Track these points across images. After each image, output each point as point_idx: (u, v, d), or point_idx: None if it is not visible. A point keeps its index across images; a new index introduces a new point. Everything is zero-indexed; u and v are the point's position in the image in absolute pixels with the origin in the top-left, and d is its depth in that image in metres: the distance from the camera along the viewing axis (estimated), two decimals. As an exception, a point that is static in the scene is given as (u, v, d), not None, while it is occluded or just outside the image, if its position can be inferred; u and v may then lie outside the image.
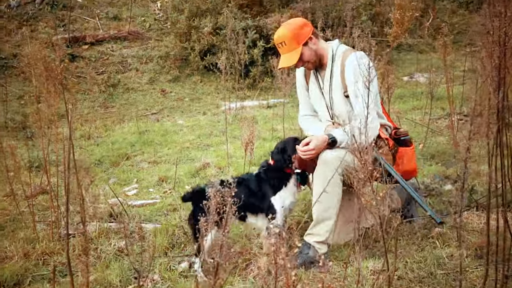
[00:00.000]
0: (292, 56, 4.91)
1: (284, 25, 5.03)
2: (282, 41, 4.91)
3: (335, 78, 4.95)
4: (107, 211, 5.90)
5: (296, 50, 4.89)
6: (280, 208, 4.84)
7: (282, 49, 4.96)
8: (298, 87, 5.36)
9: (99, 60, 13.20)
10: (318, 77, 5.11)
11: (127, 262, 4.86)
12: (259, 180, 4.98)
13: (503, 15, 2.69)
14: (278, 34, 4.97)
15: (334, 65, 4.96)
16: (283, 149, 4.95)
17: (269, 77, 11.92)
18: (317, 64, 5.02)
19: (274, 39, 5.04)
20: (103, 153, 8.45)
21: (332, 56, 4.99)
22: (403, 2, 7.90)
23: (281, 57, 5.01)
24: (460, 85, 9.76)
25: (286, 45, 4.91)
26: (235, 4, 12.58)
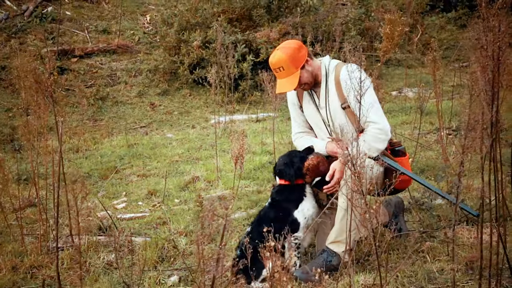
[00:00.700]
0: (292, 80, 4.89)
1: (280, 49, 4.97)
2: (280, 66, 4.87)
3: (331, 92, 4.95)
4: (96, 224, 5.87)
5: (294, 75, 4.87)
6: (303, 220, 4.82)
7: (280, 74, 4.91)
8: (290, 105, 5.33)
9: (88, 73, 13.15)
10: (312, 94, 5.10)
11: (117, 276, 4.84)
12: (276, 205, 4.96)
13: (497, 30, 2.70)
14: (276, 59, 4.92)
15: (329, 80, 4.97)
16: (291, 162, 4.92)
17: (258, 91, 11.92)
18: (313, 84, 5.02)
19: (271, 63, 4.96)
20: (91, 166, 8.41)
21: (325, 73, 4.99)
22: (393, 17, 7.95)
23: (279, 81, 4.97)
24: (449, 100, 9.80)
25: (285, 70, 4.87)
26: (224, 18, 12.58)
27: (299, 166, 4.83)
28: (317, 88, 5.06)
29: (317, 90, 5.06)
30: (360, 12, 13.82)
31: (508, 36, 2.75)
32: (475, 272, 4.46)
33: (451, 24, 16.17)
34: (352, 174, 3.37)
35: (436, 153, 7.81)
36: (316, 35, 12.68)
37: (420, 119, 7.94)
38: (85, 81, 12.73)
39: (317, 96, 5.06)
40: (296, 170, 4.86)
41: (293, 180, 4.88)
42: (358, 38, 12.69)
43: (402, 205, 5.51)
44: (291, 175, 4.89)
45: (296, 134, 5.33)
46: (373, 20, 14.01)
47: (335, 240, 4.77)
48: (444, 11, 16.61)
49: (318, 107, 5.06)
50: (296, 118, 5.32)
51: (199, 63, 12.35)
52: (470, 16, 15.77)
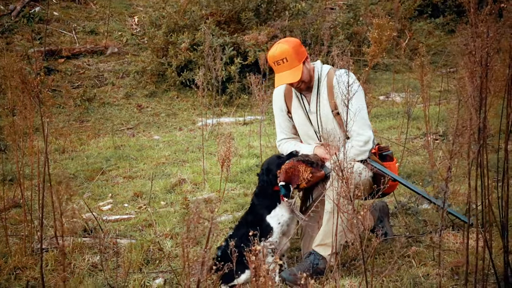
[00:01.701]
0: (295, 73, 4.82)
1: (283, 42, 4.92)
2: (284, 57, 4.79)
3: (323, 97, 4.94)
4: (81, 226, 5.83)
5: (298, 67, 4.82)
6: (276, 225, 4.80)
7: (282, 66, 4.82)
8: (277, 111, 5.28)
9: (75, 74, 13.11)
10: (302, 99, 5.08)
11: (101, 278, 4.81)
12: (253, 208, 4.95)
13: (485, 35, 2.70)
14: (279, 50, 4.83)
15: (321, 86, 4.95)
16: (268, 169, 4.90)
17: (246, 94, 11.94)
18: (307, 85, 4.99)
19: (274, 55, 4.85)
20: (77, 167, 8.37)
21: (318, 78, 4.98)
22: (381, 22, 7.96)
23: (280, 74, 4.88)
24: (436, 105, 9.84)
25: (288, 62, 4.80)
26: (213, 21, 12.58)
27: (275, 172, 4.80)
28: (307, 93, 5.04)
29: (308, 95, 5.04)
30: (348, 16, 13.86)
31: (496, 42, 2.76)
32: (460, 278, 4.47)
33: (439, 30, 16.26)
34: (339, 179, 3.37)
35: (423, 158, 7.83)
36: (305, 39, 12.70)
37: (408, 124, 7.96)
38: (72, 82, 12.68)
39: (308, 101, 5.03)
40: (272, 178, 4.84)
41: (265, 186, 4.87)
42: (346, 43, 12.73)
43: (387, 209, 5.52)
44: (265, 181, 4.88)
45: (281, 141, 5.31)
46: (361, 24, 14.05)
47: (321, 243, 4.76)
48: (432, 16, 16.69)
49: (308, 112, 5.03)
50: (281, 124, 5.28)
51: (186, 65, 12.33)
52: (458, 22, 15.85)
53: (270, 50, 4.94)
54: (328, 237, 4.70)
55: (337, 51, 4.41)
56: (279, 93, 5.23)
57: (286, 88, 5.16)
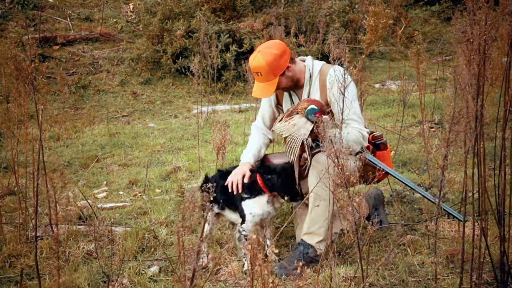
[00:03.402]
0: (269, 87, 4.80)
1: (262, 52, 4.81)
2: (258, 71, 4.77)
3: (314, 94, 4.88)
4: (76, 214, 5.81)
5: (272, 82, 4.77)
6: (248, 214, 4.79)
7: (258, 78, 4.82)
8: (266, 102, 5.24)
9: (70, 61, 13.06)
10: (292, 96, 5.03)
11: (96, 266, 4.79)
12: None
13: (483, 23, 2.68)
14: (254, 63, 4.79)
15: (313, 84, 4.89)
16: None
17: (241, 81, 11.91)
18: (292, 87, 4.95)
19: (250, 65, 4.85)
20: (72, 155, 8.34)
21: (309, 76, 4.91)
22: (377, 9, 7.93)
23: (257, 84, 4.88)
24: (432, 93, 9.83)
25: (263, 76, 4.77)
26: (208, 8, 12.55)
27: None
28: (298, 90, 4.99)
29: (299, 92, 4.99)
30: (344, 4, 13.82)
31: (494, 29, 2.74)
32: (456, 266, 4.47)
33: (435, 18, 16.26)
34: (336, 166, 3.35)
35: (418, 146, 7.82)
36: (300, 26, 12.69)
37: (403, 112, 7.94)
38: (66, 69, 12.64)
39: (298, 98, 4.98)
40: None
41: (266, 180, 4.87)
42: (342, 30, 12.71)
43: (382, 197, 5.51)
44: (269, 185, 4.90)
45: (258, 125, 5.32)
46: (357, 12, 14.04)
47: (308, 232, 4.74)
48: (428, 4, 16.69)
49: None
50: (264, 112, 5.26)
51: (182, 52, 12.32)
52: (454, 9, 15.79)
53: (251, 56, 4.90)
54: (313, 225, 4.69)
55: (333, 39, 4.39)
56: None
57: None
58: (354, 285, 4.21)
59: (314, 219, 4.69)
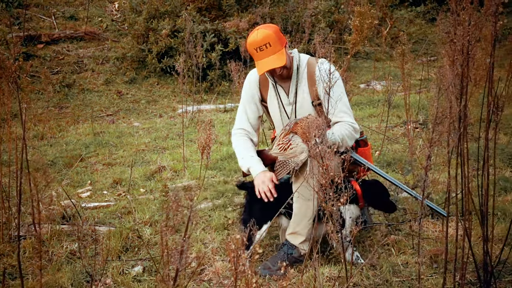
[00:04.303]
0: (280, 57, 4.66)
1: (263, 27, 4.75)
2: (267, 42, 4.61)
3: (302, 88, 4.84)
4: (60, 213, 5.78)
5: (281, 52, 4.66)
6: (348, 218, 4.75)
7: (266, 52, 4.64)
8: (247, 98, 5.06)
9: (54, 60, 13.00)
10: (277, 89, 4.93)
11: (80, 265, 4.76)
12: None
13: (467, 24, 2.69)
14: (261, 35, 4.65)
15: (300, 76, 4.84)
16: None
17: (226, 81, 11.91)
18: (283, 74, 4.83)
19: (256, 41, 4.66)
20: (56, 154, 8.30)
21: (297, 67, 4.86)
22: (362, 10, 7.96)
23: (264, 60, 4.68)
24: (416, 93, 9.86)
25: (271, 46, 4.62)
26: (193, 7, 12.54)
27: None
28: (285, 83, 4.91)
29: (285, 85, 4.90)
30: (330, 4, 13.86)
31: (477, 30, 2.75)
32: (439, 266, 4.49)
33: (420, 18, 16.34)
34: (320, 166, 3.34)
35: (403, 146, 7.83)
36: (286, 26, 12.70)
37: (388, 112, 7.96)
38: (51, 67, 12.58)
39: (286, 91, 4.89)
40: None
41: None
42: (327, 30, 12.72)
43: (367, 197, 5.51)
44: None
45: (239, 130, 5.09)
46: (343, 12, 14.08)
47: (293, 232, 4.74)
48: (413, 5, 16.77)
49: (283, 104, 4.92)
50: (248, 112, 5.05)
51: (167, 52, 12.30)
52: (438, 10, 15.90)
53: (250, 37, 4.75)
54: (297, 225, 4.69)
55: (319, 38, 4.38)
56: (253, 81, 5.05)
57: (261, 76, 4.97)
58: (338, 285, 4.21)
59: (298, 219, 4.69)
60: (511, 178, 6.35)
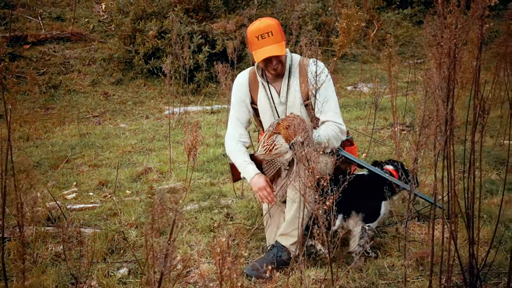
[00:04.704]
0: (280, 47, 4.67)
1: (266, 18, 4.80)
2: (270, 31, 4.64)
3: (294, 87, 4.82)
4: (45, 215, 5.74)
5: (282, 43, 4.68)
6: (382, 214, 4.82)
7: (267, 40, 4.64)
8: (237, 101, 5.01)
9: (41, 61, 12.94)
10: (270, 90, 4.90)
11: (64, 268, 4.73)
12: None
13: (454, 27, 2.68)
14: (265, 23, 4.69)
15: (292, 76, 4.84)
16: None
17: (213, 82, 11.89)
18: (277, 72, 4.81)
19: (259, 28, 4.67)
20: (42, 155, 8.25)
21: (289, 67, 4.86)
22: (349, 12, 7.97)
23: (264, 48, 4.66)
24: (403, 96, 9.88)
25: (273, 36, 4.64)
26: (181, 8, 12.51)
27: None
28: (276, 82, 4.88)
29: (277, 85, 4.87)
30: (317, 6, 13.87)
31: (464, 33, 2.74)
32: (425, 268, 4.49)
33: (407, 21, 16.38)
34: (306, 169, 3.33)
35: (389, 149, 7.84)
36: (273, 28, 12.66)
37: (375, 115, 7.97)
38: (37, 68, 12.52)
39: (277, 91, 4.86)
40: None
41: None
42: (314, 32, 12.73)
43: (353, 199, 5.51)
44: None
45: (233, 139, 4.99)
46: (330, 14, 14.09)
47: (284, 233, 4.72)
48: (400, 7, 16.82)
49: (274, 103, 4.89)
50: (239, 116, 5.00)
51: (154, 53, 12.27)
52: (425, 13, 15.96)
53: (252, 25, 4.77)
54: (290, 227, 4.68)
55: (305, 40, 4.38)
56: (242, 83, 5.01)
57: (250, 78, 4.98)
58: (324, 288, 4.21)
59: (290, 221, 4.67)
60: (497, 180, 6.37)
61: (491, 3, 2.83)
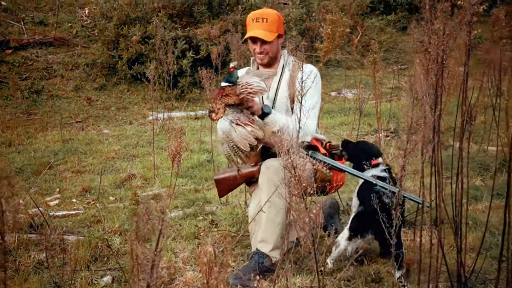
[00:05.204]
0: (269, 35, 4.72)
1: (270, 9, 4.88)
2: (265, 17, 4.71)
3: (282, 87, 4.84)
4: (27, 222, 5.67)
5: (273, 33, 4.73)
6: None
7: (260, 24, 4.71)
8: None
9: (23, 65, 12.85)
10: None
11: (47, 276, 4.67)
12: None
13: (442, 33, 2.67)
14: (265, 11, 4.79)
15: (284, 75, 4.87)
16: None
17: (197, 88, 11.86)
18: (270, 63, 4.88)
19: (257, 12, 4.79)
20: (24, 161, 8.18)
21: (283, 65, 4.89)
22: (334, 18, 7.96)
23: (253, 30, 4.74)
24: (387, 102, 9.89)
25: (267, 23, 4.70)
26: (164, 14, 12.47)
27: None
28: (267, 79, 4.83)
29: (268, 81, 4.84)
30: (301, 12, 13.87)
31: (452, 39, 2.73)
32: (413, 275, 4.46)
33: (391, 27, 16.43)
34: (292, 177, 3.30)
35: (374, 155, 7.81)
36: (257, 33, 12.64)
37: (359, 120, 7.96)
38: (19, 73, 12.43)
39: (267, 86, 4.82)
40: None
41: None
42: (298, 38, 12.73)
43: (337, 205, 5.49)
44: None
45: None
46: (314, 20, 14.09)
47: (261, 240, 4.69)
48: (384, 13, 16.87)
49: (262, 98, 4.88)
50: None
51: (138, 58, 12.22)
52: (409, 19, 16.06)
53: (254, 11, 4.88)
54: (266, 233, 4.64)
55: (291, 46, 4.35)
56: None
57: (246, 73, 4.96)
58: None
59: (267, 226, 4.63)
60: (481, 186, 6.38)
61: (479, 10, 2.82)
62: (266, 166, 4.63)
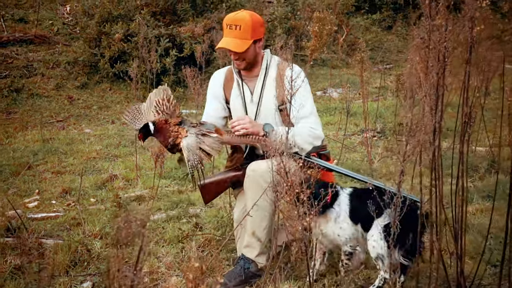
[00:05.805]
0: (241, 44, 4.51)
1: (247, 12, 4.63)
2: (239, 24, 4.49)
3: (268, 89, 4.67)
4: (4, 225, 5.49)
5: (246, 42, 4.51)
6: None
7: (232, 32, 4.53)
8: (210, 95, 4.91)
9: (3, 64, 12.64)
10: (243, 87, 4.75)
11: (24, 281, 4.50)
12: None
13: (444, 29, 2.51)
14: (238, 16, 4.54)
15: (268, 77, 4.68)
16: None
17: (181, 87, 11.73)
18: (248, 67, 4.70)
19: (229, 18, 4.56)
20: (2, 161, 7.99)
21: (266, 67, 4.71)
22: (322, 16, 7.84)
23: (226, 38, 4.57)
24: (373, 101, 9.80)
25: (240, 31, 4.49)
26: (148, 11, 12.33)
27: None
28: (250, 81, 4.74)
29: (251, 84, 4.73)
30: (286, 10, 13.78)
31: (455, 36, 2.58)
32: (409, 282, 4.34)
33: (376, 26, 16.40)
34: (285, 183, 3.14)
35: (361, 155, 7.72)
36: (242, 32, 12.54)
37: (346, 120, 7.84)
38: (-1, 71, 12.25)
39: (250, 90, 4.72)
40: None
41: None
42: (283, 37, 12.62)
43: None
44: None
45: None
46: (299, 19, 14.01)
47: (247, 245, 4.55)
48: (369, 12, 16.85)
49: (246, 102, 4.76)
50: (209, 111, 4.89)
51: (120, 56, 12.06)
52: (395, 18, 16.03)
53: (231, 13, 4.65)
54: (251, 237, 4.50)
55: (280, 44, 4.20)
56: (218, 79, 4.90)
57: (226, 75, 4.86)
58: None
59: (252, 230, 4.49)
60: (470, 188, 6.25)
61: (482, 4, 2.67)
62: (251, 169, 4.47)
